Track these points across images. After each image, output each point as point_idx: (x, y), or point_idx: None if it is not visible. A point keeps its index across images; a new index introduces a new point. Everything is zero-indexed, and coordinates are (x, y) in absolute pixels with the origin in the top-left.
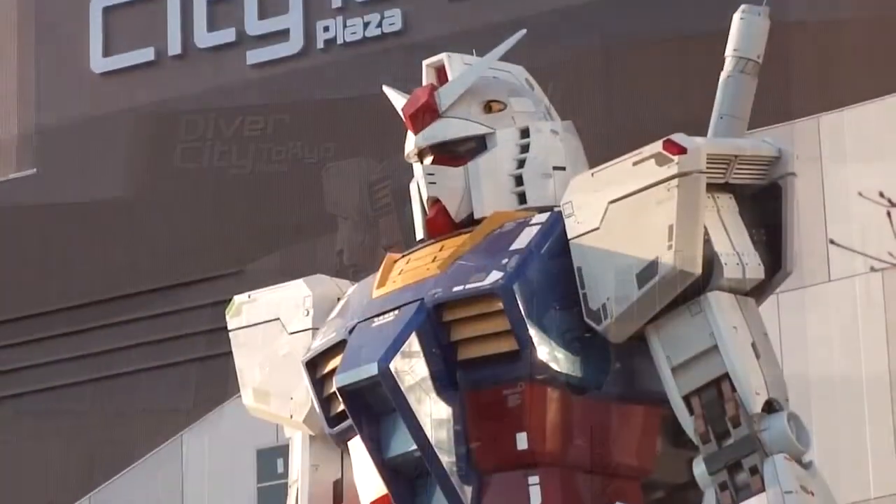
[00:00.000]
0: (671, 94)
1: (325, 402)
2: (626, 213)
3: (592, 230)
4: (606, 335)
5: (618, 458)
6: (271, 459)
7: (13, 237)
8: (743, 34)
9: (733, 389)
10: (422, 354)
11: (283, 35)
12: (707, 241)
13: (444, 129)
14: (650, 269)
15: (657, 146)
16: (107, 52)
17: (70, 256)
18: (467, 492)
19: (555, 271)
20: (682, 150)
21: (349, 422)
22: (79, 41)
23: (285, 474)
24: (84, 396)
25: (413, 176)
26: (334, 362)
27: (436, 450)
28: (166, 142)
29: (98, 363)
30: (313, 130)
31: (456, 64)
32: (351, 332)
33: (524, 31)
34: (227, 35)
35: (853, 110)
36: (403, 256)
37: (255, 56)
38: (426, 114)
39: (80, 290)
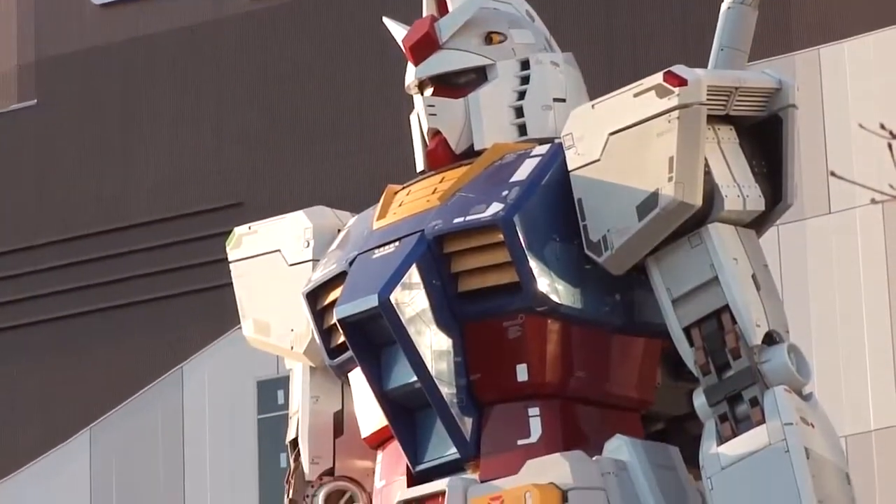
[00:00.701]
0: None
1: (326, 333)
2: (627, 144)
3: (593, 162)
4: (607, 267)
5: (618, 389)
6: (272, 391)
7: (13, 168)
8: None
9: (734, 321)
10: (422, 286)
11: None
12: (707, 173)
13: (444, 61)
14: (650, 200)
15: (658, 78)
16: None
17: (69, 188)
18: (467, 423)
19: (555, 203)
20: (682, 82)
21: (349, 353)
22: None
23: (286, 406)
24: (84, 328)
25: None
26: (335, 294)
27: (436, 381)
28: (165, 71)
29: (97, 295)
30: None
31: None
32: (351, 263)
33: None
34: None
35: (854, 42)
36: (404, 188)
37: None
38: (426, 45)
39: (79, 222)
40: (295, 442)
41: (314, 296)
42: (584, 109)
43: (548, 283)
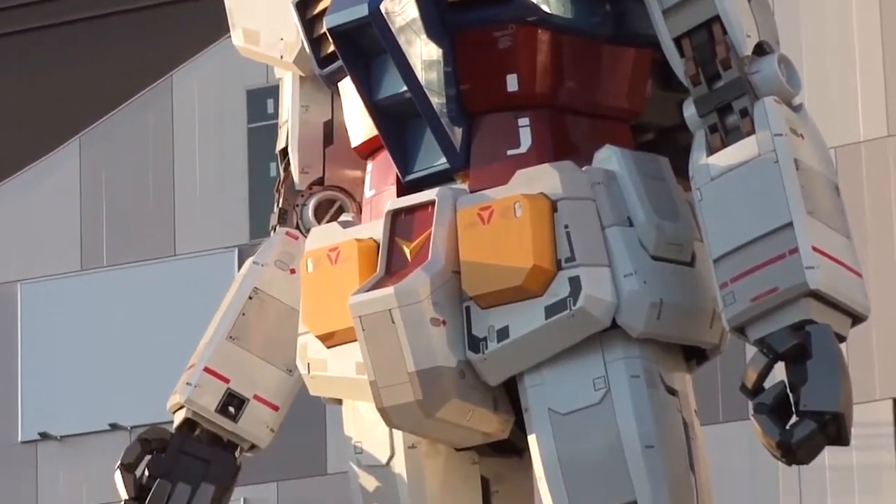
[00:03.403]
0: None
1: (315, 42)
2: None
3: None
4: None
5: (608, 100)
6: (261, 100)
7: None
8: None
9: (724, 32)
10: None
11: None
12: None
13: None
14: None
15: None
16: None
17: None
18: (457, 133)
19: None
20: None
21: (339, 63)
22: None
23: (275, 115)
24: (72, 37)
25: None
26: (325, 3)
27: (426, 91)
28: None
29: (88, 2)
30: None
31: None
32: None
33: None
34: None
35: None
36: None
37: None
38: None
39: None
40: (285, 151)
41: (304, 4)
42: None
43: None
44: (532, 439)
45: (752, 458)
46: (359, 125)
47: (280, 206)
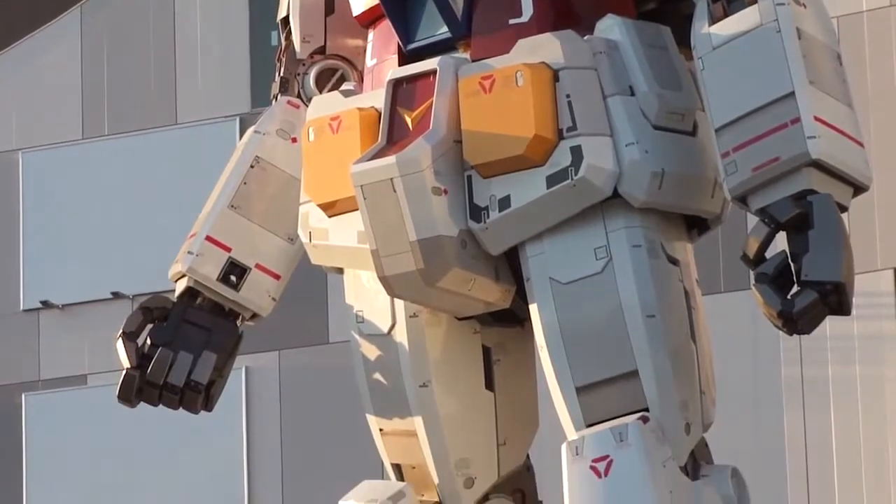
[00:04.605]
0: None
1: None
2: None
3: None
4: None
5: None
6: None
7: None
8: None
9: None
10: None
11: None
12: None
13: None
14: None
15: None
16: None
17: None
18: (459, 1)
19: None
20: None
21: None
22: None
23: None
24: None
25: None
26: None
27: None
28: None
29: None
30: None
31: None
32: None
33: None
34: None
35: None
36: None
37: None
38: None
39: None
40: (286, 20)
41: None
42: None
43: None
44: (533, 309)
45: (754, 328)
46: None
47: (281, 74)
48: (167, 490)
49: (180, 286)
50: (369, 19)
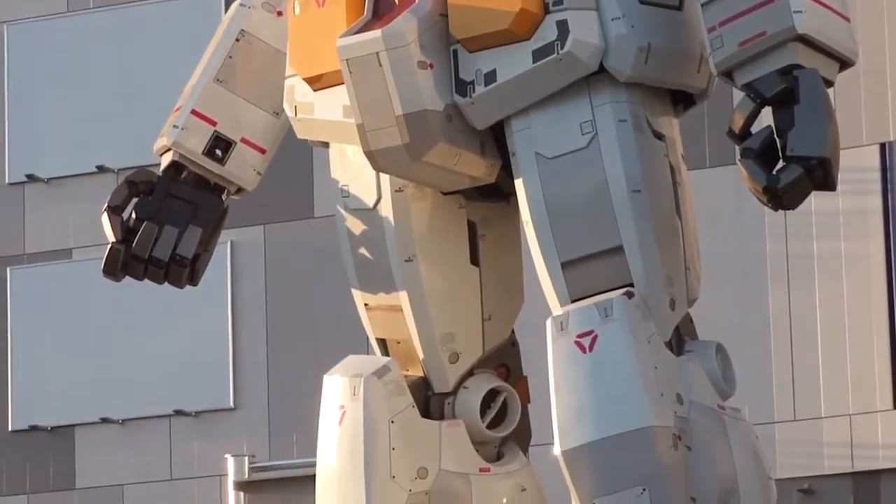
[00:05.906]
0: None
1: None
2: None
3: None
4: None
5: None
6: None
7: None
8: None
9: None
10: None
11: None
12: None
13: None
14: None
15: None
16: None
17: None
18: None
19: None
20: None
21: None
22: None
23: None
24: None
25: None
26: None
27: None
28: None
29: None
30: None
31: None
32: None
33: None
34: None
35: None
36: None
37: None
38: None
39: None
40: None
41: None
42: None
43: None
44: (519, 183)
45: (739, 203)
46: None
47: None
48: (152, 364)
49: (165, 160)
50: None
